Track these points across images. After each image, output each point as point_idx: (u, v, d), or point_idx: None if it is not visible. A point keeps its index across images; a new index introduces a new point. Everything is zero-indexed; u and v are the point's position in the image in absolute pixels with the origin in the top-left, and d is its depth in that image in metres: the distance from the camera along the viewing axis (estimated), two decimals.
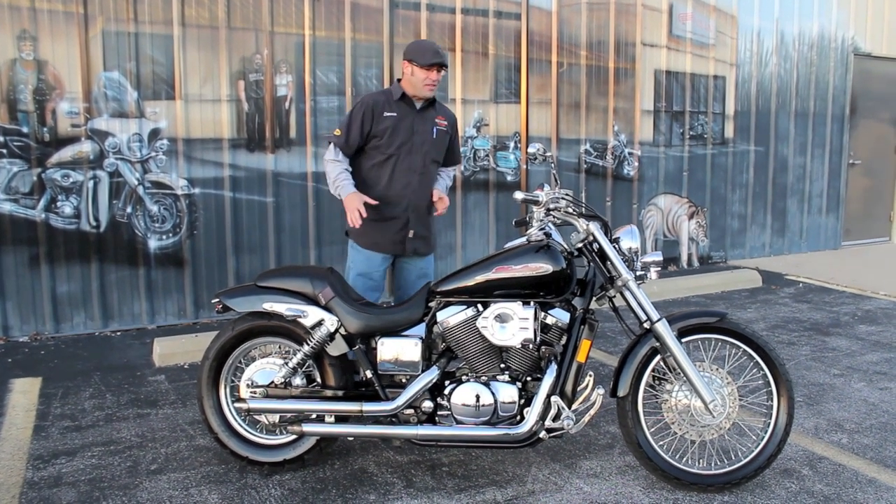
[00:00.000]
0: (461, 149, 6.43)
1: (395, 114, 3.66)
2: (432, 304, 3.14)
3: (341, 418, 3.13)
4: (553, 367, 3.01)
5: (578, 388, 3.04)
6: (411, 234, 3.73)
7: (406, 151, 3.68)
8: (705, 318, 3.10)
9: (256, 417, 3.21)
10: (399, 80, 3.74)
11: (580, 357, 3.01)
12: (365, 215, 3.51)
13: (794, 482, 3.17)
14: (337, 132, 3.70)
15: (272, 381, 3.17)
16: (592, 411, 3.00)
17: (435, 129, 3.76)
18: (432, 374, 3.07)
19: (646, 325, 3.04)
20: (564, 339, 3.06)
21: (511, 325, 2.97)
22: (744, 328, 3.08)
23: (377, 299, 3.72)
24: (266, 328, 3.22)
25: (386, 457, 3.41)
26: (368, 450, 3.47)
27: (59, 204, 5.16)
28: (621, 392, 3.06)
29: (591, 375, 3.09)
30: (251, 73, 5.65)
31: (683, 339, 3.05)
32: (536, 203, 3.07)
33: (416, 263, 3.84)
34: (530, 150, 3.25)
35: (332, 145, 3.69)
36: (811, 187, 8.76)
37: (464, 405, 3.02)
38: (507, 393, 3.04)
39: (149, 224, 5.43)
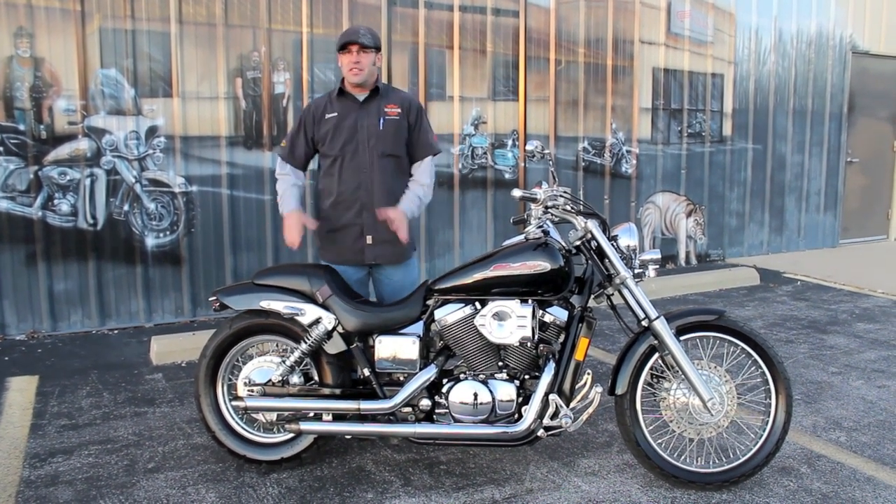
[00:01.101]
0: (459, 146, 6.43)
1: (335, 113, 3.43)
2: (430, 301, 3.14)
3: (339, 416, 3.13)
4: (551, 366, 3.00)
5: (576, 387, 3.03)
6: (369, 240, 3.44)
7: (351, 151, 3.41)
8: (703, 315, 3.09)
9: (254, 416, 3.21)
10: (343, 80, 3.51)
11: (578, 355, 3.01)
12: (296, 243, 3.37)
13: (793, 480, 3.17)
14: (283, 143, 3.55)
15: (270, 380, 3.16)
16: (590, 409, 3.00)
17: (383, 120, 3.43)
18: (430, 373, 3.06)
19: (644, 324, 3.03)
20: (562, 337, 3.05)
21: (509, 323, 2.96)
22: (742, 326, 3.08)
23: None
24: (264, 326, 3.22)
25: (384, 455, 3.41)
26: (366, 448, 3.46)
27: (55, 202, 5.14)
28: (619, 390, 3.05)
29: (589, 373, 3.08)
30: (249, 71, 5.64)
31: (682, 338, 3.05)
32: (534, 201, 3.06)
33: (390, 273, 3.53)
34: (528, 147, 3.24)
35: (279, 160, 3.55)
36: (809, 185, 8.76)
37: (462, 403, 3.02)
38: (505, 391, 3.03)
39: (146, 222, 5.41)
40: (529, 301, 3.00)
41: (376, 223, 3.42)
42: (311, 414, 3.13)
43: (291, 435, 3.23)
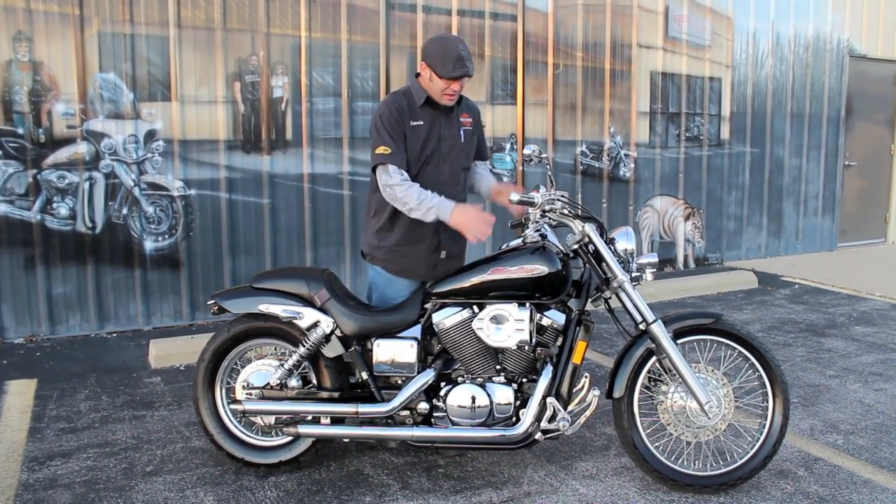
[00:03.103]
0: None
1: (421, 122, 3.21)
2: (428, 305, 3.14)
3: (337, 420, 3.13)
4: (549, 369, 3.01)
5: (574, 390, 3.04)
6: (443, 254, 3.34)
7: (433, 162, 3.24)
8: (701, 319, 3.10)
9: (252, 419, 3.21)
10: (417, 76, 3.26)
11: (576, 358, 3.02)
12: (492, 221, 3.07)
13: (790, 483, 3.18)
14: (384, 150, 3.11)
15: (268, 383, 3.17)
16: (588, 413, 3.00)
17: (462, 132, 3.34)
18: (428, 376, 3.07)
19: (641, 327, 3.04)
20: (560, 340, 3.06)
21: (507, 326, 2.97)
22: (739, 329, 3.09)
23: None
24: (262, 330, 3.22)
25: (382, 458, 3.41)
26: (364, 451, 3.47)
27: (54, 205, 5.15)
28: (617, 393, 3.06)
29: (586, 377, 3.09)
30: (247, 75, 5.65)
31: (679, 341, 3.05)
32: (532, 205, 3.07)
33: None
34: (526, 151, 3.24)
35: (389, 167, 3.11)
36: (807, 189, 8.78)
37: (459, 406, 3.02)
38: (503, 394, 3.04)
39: (145, 225, 5.42)
40: (527, 305, 3.01)
41: (452, 237, 3.31)
42: (310, 417, 3.13)
43: (290, 438, 3.24)
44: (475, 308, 3.05)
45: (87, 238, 5.27)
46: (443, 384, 3.10)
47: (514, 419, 3.04)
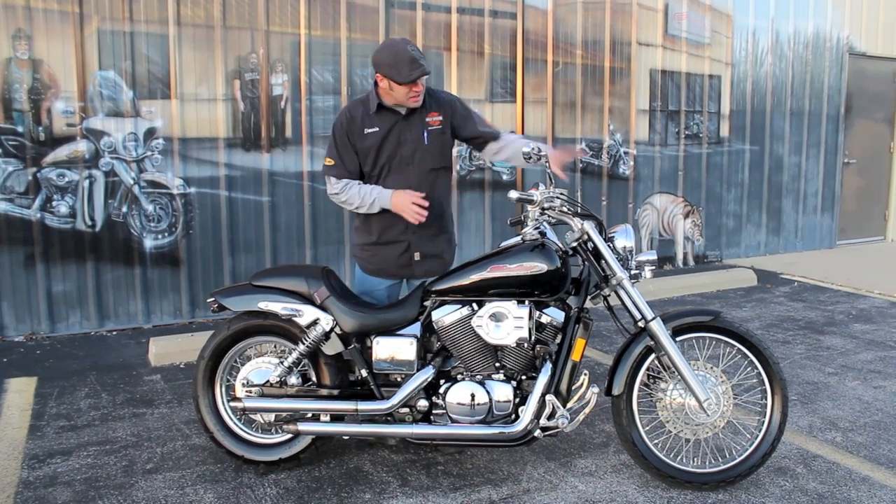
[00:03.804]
0: (457, 148, 6.44)
1: (376, 128, 3.26)
2: (427, 302, 3.14)
3: (337, 417, 3.14)
4: (548, 366, 3.01)
5: (573, 387, 3.05)
6: (417, 256, 3.39)
7: (396, 166, 3.29)
8: (700, 316, 3.11)
9: (252, 416, 3.22)
10: (376, 85, 3.26)
11: (575, 356, 3.02)
12: (426, 205, 3.18)
13: (788, 480, 3.19)
14: (329, 161, 3.30)
15: (268, 380, 3.17)
16: (587, 410, 3.01)
17: (426, 132, 3.32)
18: (427, 373, 3.07)
19: (640, 324, 3.04)
20: (559, 337, 3.06)
21: (506, 324, 2.97)
22: (738, 327, 3.09)
23: None
24: (261, 327, 3.23)
25: (381, 455, 3.42)
26: (364, 448, 3.47)
27: (54, 203, 5.15)
28: (616, 391, 3.07)
29: (585, 374, 3.09)
30: (247, 73, 5.65)
31: (678, 338, 3.06)
32: (531, 202, 3.07)
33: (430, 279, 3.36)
34: (525, 149, 3.25)
35: (331, 179, 3.31)
36: (806, 186, 8.78)
37: (459, 404, 3.03)
38: (502, 392, 3.04)
39: (144, 223, 5.42)
40: (526, 302, 3.02)
41: (425, 239, 3.38)
42: (309, 415, 3.14)
43: (289, 436, 3.24)
44: (474, 306, 3.06)
45: (87, 236, 5.28)
46: (442, 381, 3.11)
47: (513, 416, 3.05)
